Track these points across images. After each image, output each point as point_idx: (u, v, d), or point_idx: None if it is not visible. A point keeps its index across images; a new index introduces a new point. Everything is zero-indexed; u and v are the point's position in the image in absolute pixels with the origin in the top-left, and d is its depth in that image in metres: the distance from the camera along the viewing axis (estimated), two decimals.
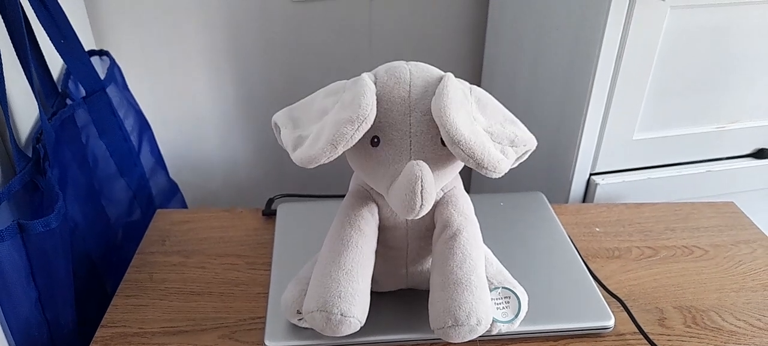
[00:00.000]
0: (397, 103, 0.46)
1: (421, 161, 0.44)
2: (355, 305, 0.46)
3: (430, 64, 0.49)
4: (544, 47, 0.82)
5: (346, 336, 0.50)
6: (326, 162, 0.44)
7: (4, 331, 0.53)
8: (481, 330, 0.47)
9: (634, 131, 0.75)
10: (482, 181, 1.12)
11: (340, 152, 0.44)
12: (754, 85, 0.76)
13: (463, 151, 0.43)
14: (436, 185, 0.47)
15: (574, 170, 0.77)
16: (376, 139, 0.47)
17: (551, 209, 0.72)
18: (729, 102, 0.77)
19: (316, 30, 0.99)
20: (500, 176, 0.45)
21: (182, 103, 1.01)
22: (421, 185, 0.43)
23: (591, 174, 0.79)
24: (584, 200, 0.80)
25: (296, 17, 0.97)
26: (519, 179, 0.94)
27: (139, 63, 0.96)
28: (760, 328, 0.58)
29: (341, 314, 0.46)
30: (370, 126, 0.44)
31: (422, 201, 0.43)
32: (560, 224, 0.69)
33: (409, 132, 0.46)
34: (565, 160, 0.79)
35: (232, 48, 0.98)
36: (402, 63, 0.48)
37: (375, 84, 0.46)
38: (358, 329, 0.47)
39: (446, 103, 0.43)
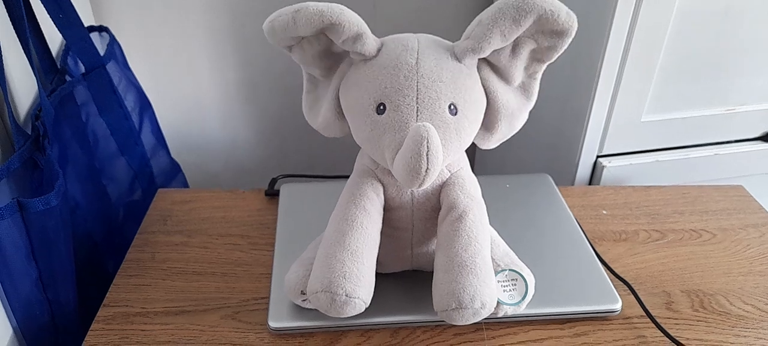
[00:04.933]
0: (404, 68, 0.45)
1: (428, 123, 0.43)
2: (360, 286, 0.46)
3: None
4: None
5: (350, 317, 0.49)
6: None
7: (5, 310, 0.53)
8: (484, 313, 0.46)
9: (642, 113, 0.74)
10: (487, 162, 1.11)
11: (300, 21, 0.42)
12: (763, 68, 0.75)
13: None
14: (443, 154, 0.46)
15: (581, 152, 0.76)
16: (382, 107, 0.45)
17: (558, 191, 0.71)
18: (738, 85, 0.75)
19: None
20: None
21: (183, 83, 1.00)
22: (428, 146, 0.41)
23: (598, 156, 0.78)
24: (591, 183, 0.80)
25: None
26: (525, 161, 0.93)
27: (139, 41, 0.94)
28: None
29: (346, 295, 0.45)
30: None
31: (428, 165, 0.41)
32: (567, 207, 0.69)
33: (417, 98, 0.45)
34: (572, 141, 0.78)
35: (234, 27, 0.96)
36: (410, 33, 0.48)
37: (380, 48, 0.47)
38: (362, 310, 0.47)
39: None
